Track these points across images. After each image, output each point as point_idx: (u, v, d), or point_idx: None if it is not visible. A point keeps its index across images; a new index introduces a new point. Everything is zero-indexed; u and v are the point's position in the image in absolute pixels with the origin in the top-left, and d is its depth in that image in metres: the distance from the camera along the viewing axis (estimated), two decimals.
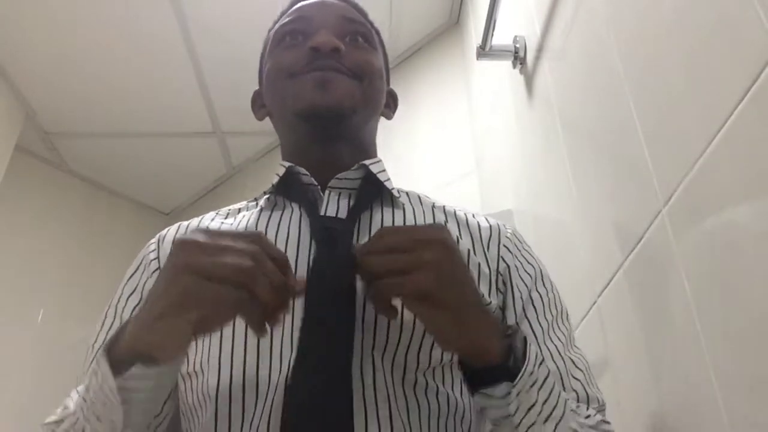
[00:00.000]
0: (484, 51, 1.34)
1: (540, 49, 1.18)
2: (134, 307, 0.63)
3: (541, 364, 0.53)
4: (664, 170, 0.68)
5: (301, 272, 0.58)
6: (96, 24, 1.99)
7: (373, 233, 0.57)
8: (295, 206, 0.65)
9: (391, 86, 0.80)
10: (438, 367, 0.59)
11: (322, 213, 0.63)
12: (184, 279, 0.45)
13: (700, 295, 0.62)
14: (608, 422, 0.61)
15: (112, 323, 0.64)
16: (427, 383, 0.58)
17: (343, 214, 0.63)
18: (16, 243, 2.35)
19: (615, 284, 0.84)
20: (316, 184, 0.65)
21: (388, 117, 0.77)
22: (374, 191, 0.66)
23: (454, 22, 2.17)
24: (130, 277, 0.67)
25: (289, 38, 0.68)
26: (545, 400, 0.52)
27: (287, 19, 0.71)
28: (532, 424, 0.51)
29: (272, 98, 0.71)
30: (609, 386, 0.86)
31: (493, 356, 0.51)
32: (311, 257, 0.59)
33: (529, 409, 0.51)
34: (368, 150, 0.71)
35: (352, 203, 0.64)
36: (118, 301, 0.65)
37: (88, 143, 2.52)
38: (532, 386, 0.51)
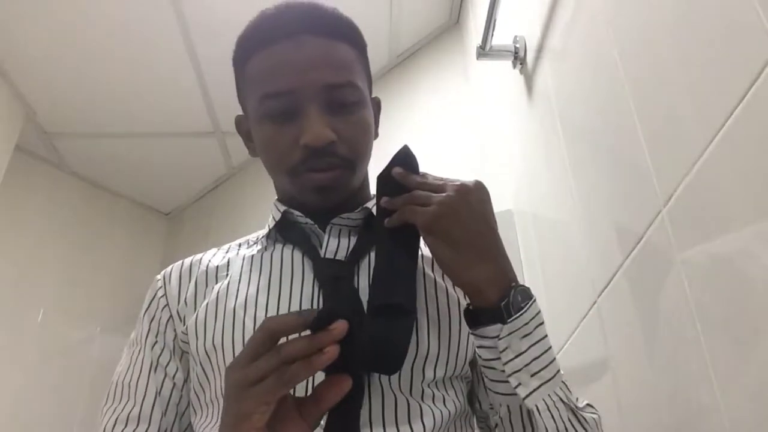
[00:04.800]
0: (484, 51, 1.34)
1: (540, 49, 1.18)
2: (154, 343, 0.70)
3: (539, 325, 0.57)
4: (664, 170, 0.68)
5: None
6: (96, 24, 1.99)
7: (372, 271, 0.64)
8: (296, 247, 0.69)
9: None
10: (441, 381, 0.63)
11: (323, 249, 0.67)
12: (233, 395, 0.48)
13: (700, 295, 0.62)
14: (593, 407, 0.65)
15: (138, 357, 0.70)
16: (433, 393, 0.62)
17: (343, 251, 0.67)
18: (16, 243, 2.35)
19: (615, 284, 0.84)
20: (313, 222, 0.68)
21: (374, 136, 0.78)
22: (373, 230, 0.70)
23: (454, 22, 2.16)
24: (146, 311, 0.73)
25: (276, 115, 0.65)
26: (536, 357, 0.55)
27: (269, 89, 0.65)
28: (518, 370, 0.55)
29: (272, 177, 0.72)
30: (609, 386, 0.86)
31: (487, 299, 0.56)
32: (319, 301, 0.63)
33: (518, 356, 0.55)
34: (363, 191, 0.74)
35: (353, 242, 0.68)
36: (141, 334, 0.71)
37: (88, 143, 2.51)
38: (523, 338, 0.55)
